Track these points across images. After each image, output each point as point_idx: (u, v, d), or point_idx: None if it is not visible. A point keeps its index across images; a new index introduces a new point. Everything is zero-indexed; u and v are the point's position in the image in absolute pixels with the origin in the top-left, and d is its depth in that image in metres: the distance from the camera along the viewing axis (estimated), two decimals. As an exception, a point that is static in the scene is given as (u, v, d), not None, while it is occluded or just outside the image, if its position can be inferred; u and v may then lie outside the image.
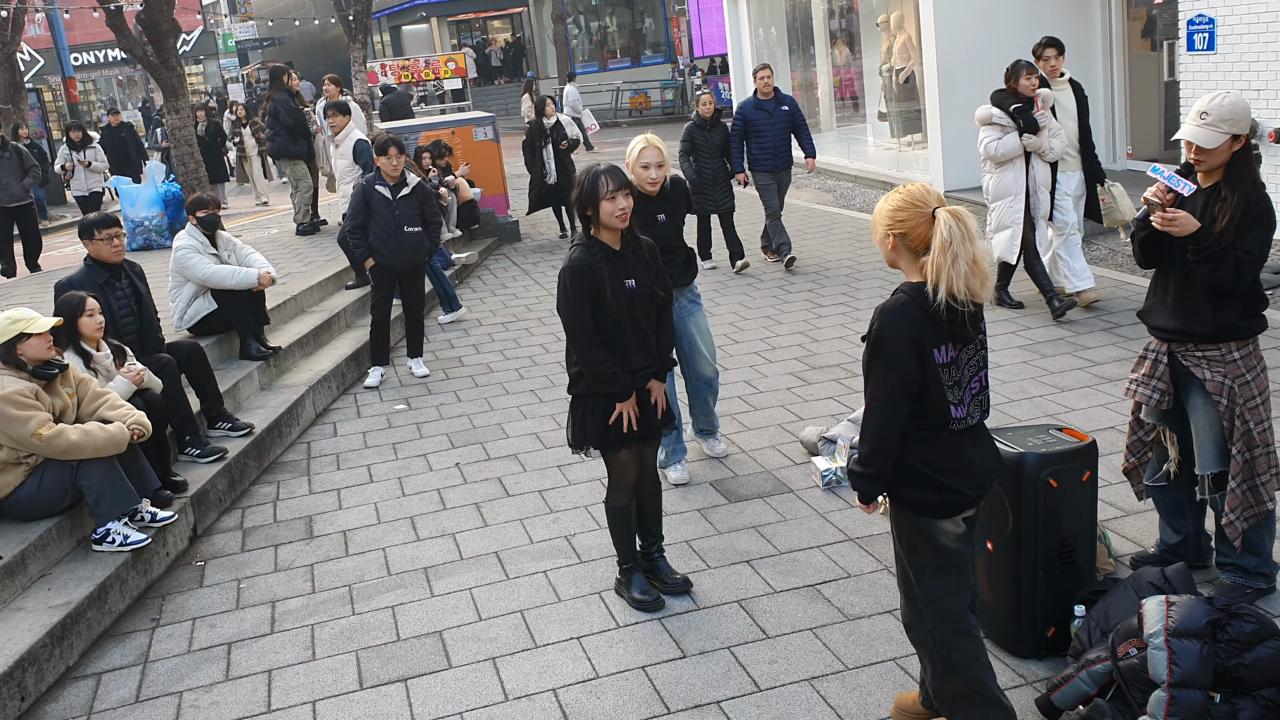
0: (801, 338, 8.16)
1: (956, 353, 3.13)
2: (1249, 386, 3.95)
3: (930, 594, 3.27)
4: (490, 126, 13.95)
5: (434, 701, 4.08)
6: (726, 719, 3.79)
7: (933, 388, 3.09)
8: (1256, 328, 3.96)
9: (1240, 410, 3.94)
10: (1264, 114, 8.96)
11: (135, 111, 38.41)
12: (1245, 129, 3.84)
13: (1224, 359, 3.95)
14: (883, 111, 15.74)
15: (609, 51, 36.56)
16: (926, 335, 3.06)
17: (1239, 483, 3.99)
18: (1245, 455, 3.96)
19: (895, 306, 3.10)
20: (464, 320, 9.88)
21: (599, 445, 4.47)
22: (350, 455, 6.77)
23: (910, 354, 3.05)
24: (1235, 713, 3.17)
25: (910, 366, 3.05)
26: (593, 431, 4.44)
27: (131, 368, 5.69)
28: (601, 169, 4.27)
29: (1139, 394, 4.19)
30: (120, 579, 4.96)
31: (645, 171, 5.48)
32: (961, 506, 3.20)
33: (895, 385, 3.07)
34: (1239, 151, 3.87)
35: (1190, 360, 4.02)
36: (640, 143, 5.52)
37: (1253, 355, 3.98)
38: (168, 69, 13.41)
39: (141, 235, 12.10)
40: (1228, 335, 3.92)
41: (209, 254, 7.37)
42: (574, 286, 4.27)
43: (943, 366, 3.10)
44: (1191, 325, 3.96)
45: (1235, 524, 4.02)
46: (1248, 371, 3.95)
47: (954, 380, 3.13)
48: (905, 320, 3.06)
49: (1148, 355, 4.18)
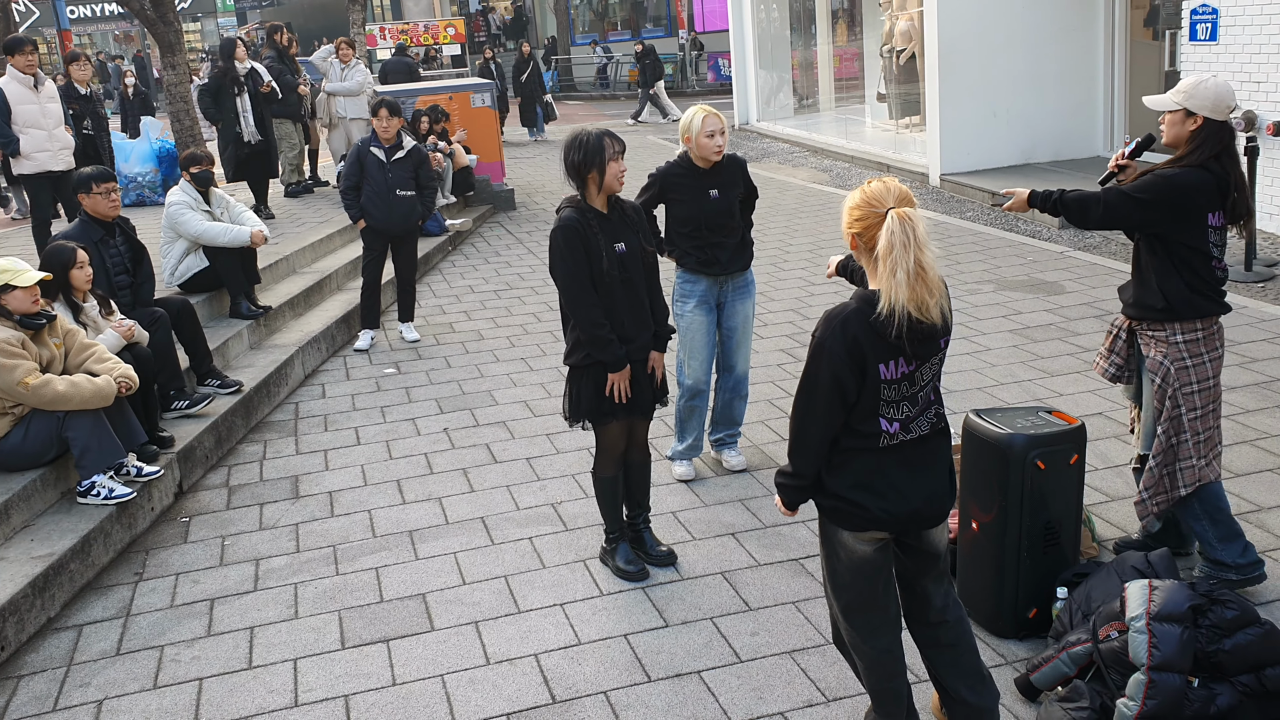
0: (794, 314, 8.15)
1: (911, 368, 2.93)
2: (1187, 372, 3.94)
3: (833, 595, 3.24)
4: (488, 93, 13.86)
5: (415, 663, 4.09)
6: (707, 688, 3.81)
7: (867, 402, 2.93)
8: (1206, 309, 3.93)
9: (1173, 393, 3.95)
10: (1263, 106, 8.95)
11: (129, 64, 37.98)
12: (1205, 109, 3.83)
13: (1167, 340, 3.96)
14: (882, 93, 15.69)
15: (610, 23, 36.30)
16: (870, 348, 2.87)
17: (1158, 464, 4.02)
18: (1170, 439, 3.99)
19: (840, 314, 2.91)
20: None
21: (591, 418, 4.44)
22: (338, 417, 6.75)
23: (848, 366, 2.87)
24: (1212, 698, 3.19)
25: (847, 379, 2.89)
26: (588, 404, 4.40)
27: (122, 322, 5.66)
28: (597, 131, 4.25)
29: (1099, 366, 4.27)
30: (104, 532, 4.95)
31: (711, 140, 5.08)
32: (865, 524, 3.02)
33: (830, 396, 2.91)
34: (1199, 132, 3.86)
35: (1143, 339, 4.06)
36: (700, 112, 5.12)
37: (1199, 343, 3.94)
38: (165, 24, 13.25)
39: (135, 191, 12.03)
40: (1174, 315, 3.93)
41: (202, 210, 7.32)
42: (568, 245, 4.24)
43: (888, 383, 2.91)
44: (1144, 300, 4.00)
45: (1146, 504, 4.07)
46: (1190, 357, 3.94)
47: (902, 396, 2.94)
48: (848, 331, 2.87)
49: (1112, 329, 4.25)
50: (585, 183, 4.28)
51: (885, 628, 3.21)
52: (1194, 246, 3.90)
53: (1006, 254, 9.51)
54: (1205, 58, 9.63)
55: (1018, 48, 12.39)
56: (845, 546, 3.10)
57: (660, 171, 5.29)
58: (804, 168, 15.46)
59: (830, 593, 3.26)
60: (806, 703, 3.69)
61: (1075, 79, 12.65)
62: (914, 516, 3.05)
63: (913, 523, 3.07)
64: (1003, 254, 9.52)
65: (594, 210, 4.31)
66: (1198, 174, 3.85)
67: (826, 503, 3.09)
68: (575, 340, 4.38)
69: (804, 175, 14.92)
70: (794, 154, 16.92)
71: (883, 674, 3.25)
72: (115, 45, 45.80)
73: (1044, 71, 12.50)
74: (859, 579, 3.14)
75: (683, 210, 5.23)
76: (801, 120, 18.57)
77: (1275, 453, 5.24)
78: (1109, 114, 12.77)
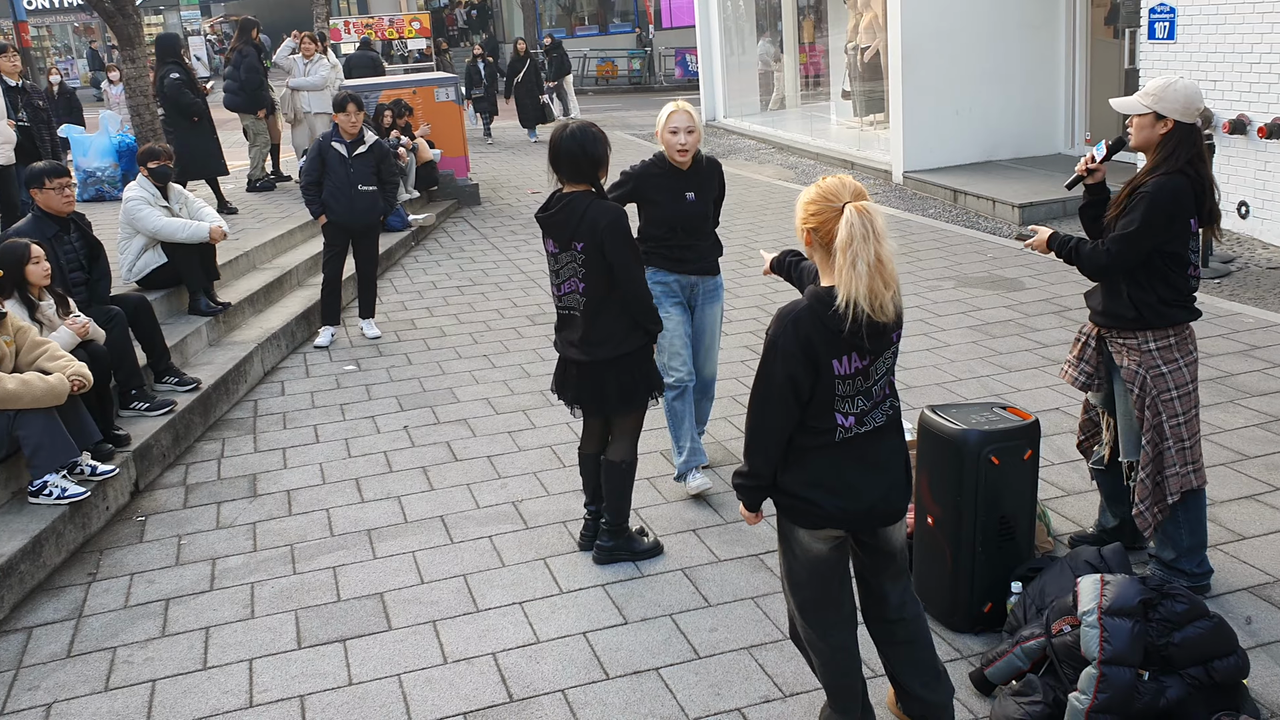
0: (758, 311, 8.17)
1: (865, 363, 2.94)
2: (1164, 379, 3.93)
3: (790, 592, 3.25)
4: (453, 88, 13.80)
5: (372, 662, 4.06)
6: (665, 686, 3.81)
7: (822, 398, 2.94)
8: (1177, 318, 3.92)
9: (1152, 401, 3.94)
10: (1219, 105, 9.06)
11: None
12: (1176, 112, 3.78)
13: (1140, 348, 3.94)
14: (846, 90, 15.75)
15: (577, 18, 36.20)
16: (823, 344, 2.88)
17: (1147, 474, 4.00)
18: (1155, 447, 3.97)
19: (791, 312, 2.92)
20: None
21: (658, 389, 4.54)
22: (297, 415, 6.70)
23: (802, 363, 2.88)
24: (1162, 690, 3.23)
25: (801, 376, 2.89)
26: (657, 379, 4.54)
27: (76, 319, 5.58)
28: (582, 123, 4.31)
29: (1068, 374, 4.24)
30: (56, 532, 4.88)
31: (674, 138, 4.92)
32: (821, 522, 3.04)
33: (785, 395, 2.92)
34: (1170, 136, 3.82)
35: (1114, 346, 4.04)
36: (670, 107, 4.98)
37: (1173, 348, 3.93)
38: (123, 16, 13.07)
39: (93, 186, 11.86)
40: (1144, 324, 3.91)
41: (160, 206, 7.23)
42: (627, 228, 4.32)
43: (843, 378, 2.92)
44: (1113, 310, 3.97)
45: (1144, 515, 4.04)
46: (1165, 364, 3.93)
47: (856, 390, 2.95)
48: (799, 328, 2.88)
49: (1080, 336, 4.22)
50: (598, 176, 4.31)
51: (841, 624, 3.22)
52: (1175, 253, 3.86)
53: (967, 251, 9.58)
54: (1164, 56, 9.74)
55: (980, 46, 12.48)
56: (801, 544, 3.11)
57: (636, 171, 5.12)
58: (770, 164, 15.50)
59: (787, 589, 3.27)
60: (764, 698, 3.70)
61: (1036, 77, 12.75)
62: (869, 514, 3.06)
63: (868, 520, 3.08)
64: (963, 251, 9.58)
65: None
66: (1178, 180, 3.79)
67: (783, 500, 3.10)
68: (629, 325, 4.38)
69: (770, 172, 14.95)
70: (760, 151, 16.96)
71: (838, 670, 3.26)
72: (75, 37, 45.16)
73: (1006, 70, 12.59)
74: (815, 576, 3.15)
75: (658, 212, 5.10)
76: (768, 117, 18.61)
77: (1229, 448, 5.31)
78: (1070, 112, 12.88)
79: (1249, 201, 9.13)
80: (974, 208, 11.40)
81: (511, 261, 10.51)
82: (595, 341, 4.36)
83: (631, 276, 4.30)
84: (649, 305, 4.38)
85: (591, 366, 4.40)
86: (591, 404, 4.49)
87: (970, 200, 11.49)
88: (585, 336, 4.38)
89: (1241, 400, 5.86)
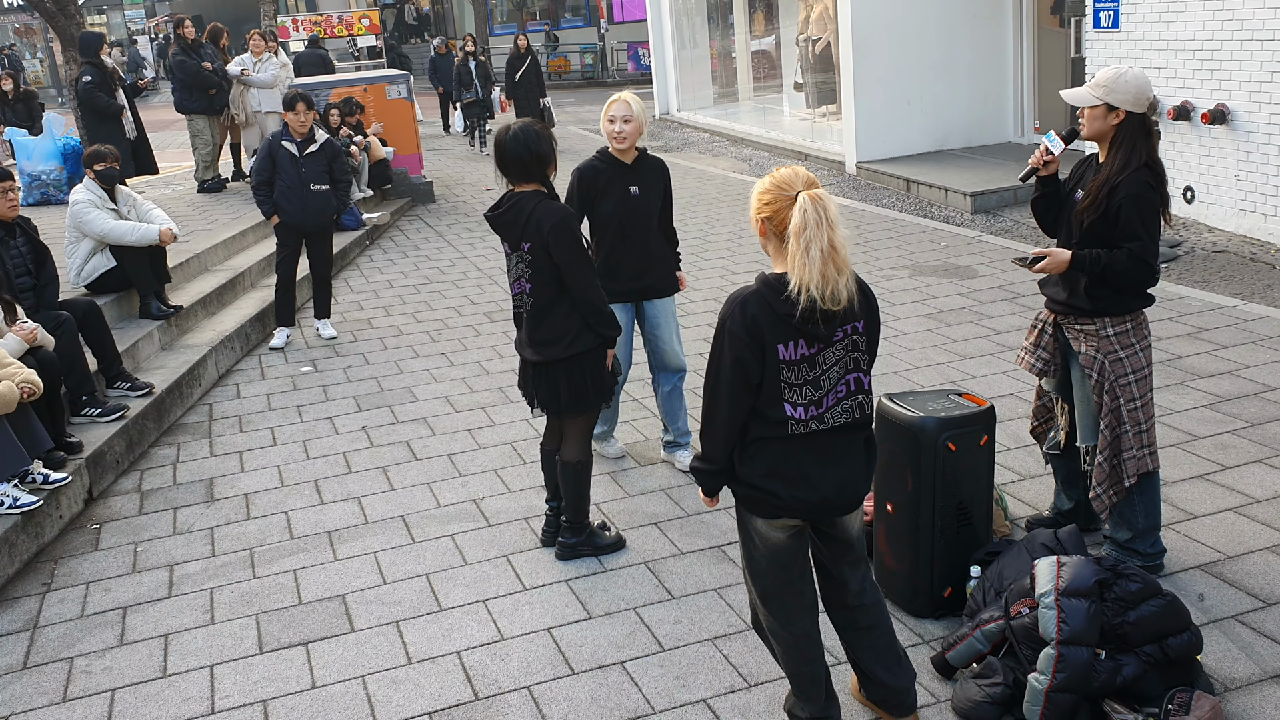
0: (715, 304, 8.19)
1: (812, 351, 2.95)
2: (1121, 363, 3.99)
3: (751, 581, 3.28)
4: (404, 84, 13.70)
5: (335, 665, 4.03)
6: (630, 679, 3.82)
7: (769, 385, 2.96)
8: (1134, 304, 3.98)
9: (1110, 386, 3.99)
10: (1163, 91, 9.20)
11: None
12: (1128, 103, 3.83)
13: (1098, 334, 4.00)
14: (799, 82, 15.83)
15: (528, 13, 36.08)
16: (769, 328, 2.91)
17: (1105, 458, 4.05)
18: (1113, 431, 4.03)
19: (740, 296, 2.96)
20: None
21: (608, 395, 4.54)
22: (253, 417, 6.63)
23: (748, 346, 2.92)
24: (1119, 668, 3.28)
25: (748, 359, 2.93)
26: (609, 382, 4.52)
27: (24, 325, 5.48)
28: (523, 122, 4.30)
29: (1025, 361, 4.28)
30: (8, 542, 4.80)
31: (612, 126, 5.01)
32: (777, 512, 3.06)
33: (734, 378, 2.96)
34: (1123, 126, 3.87)
35: (1071, 333, 4.09)
36: (614, 97, 5.07)
37: (1130, 333, 4.00)
38: (66, 17, 12.89)
39: (39, 189, 11.66)
40: (1103, 310, 3.96)
41: (107, 209, 7.13)
42: (574, 229, 4.32)
43: (787, 364, 2.94)
44: (1073, 298, 4.01)
45: (1102, 498, 4.10)
46: (1122, 349, 3.99)
47: (803, 379, 2.96)
48: (747, 311, 2.92)
49: (1036, 324, 4.26)
50: (546, 174, 4.30)
51: (802, 612, 3.25)
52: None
53: (921, 240, 9.66)
54: (1109, 45, 9.88)
55: (929, 37, 12.59)
56: (760, 533, 3.14)
57: (577, 170, 5.12)
58: (724, 157, 15.53)
59: (748, 579, 3.29)
60: (729, 689, 3.72)
61: (986, 67, 12.89)
62: (825, 505, 3.08)
63: (824, 510, 3.10)
64: (917, 240, 9.67)
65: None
66: (1147, 174, 3.84)
67: (741, 490, 3.12)
68: (581, 325, 4.35)
69: (724, 165, 14.99)
70: (714, 144, 16.99)
71: (801, 658, 3.29)
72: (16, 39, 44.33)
73: (955, 60, 12.72)
74: (774, 565, 3.18)
75: (604, 206, 5.10)
76: (721, 110, 18.65)
77: (1179, 429, 5.40)
78: (1019, 101, 13.04)
79: (1194, 186, 9.29)
80: (927, 197, 11.50)
81: (468, 259, 10.46)
82: (545, 341, 4.38)
83: (579, 278, 4.27)
84: (600, 309, 4.35)
85: (545, 366, 4.41)
86: (547, 403, 4.50)
87: (923, 190, 11.60)
88: (534, 336, 4.40)
89: (1190, 382, 5.97)
